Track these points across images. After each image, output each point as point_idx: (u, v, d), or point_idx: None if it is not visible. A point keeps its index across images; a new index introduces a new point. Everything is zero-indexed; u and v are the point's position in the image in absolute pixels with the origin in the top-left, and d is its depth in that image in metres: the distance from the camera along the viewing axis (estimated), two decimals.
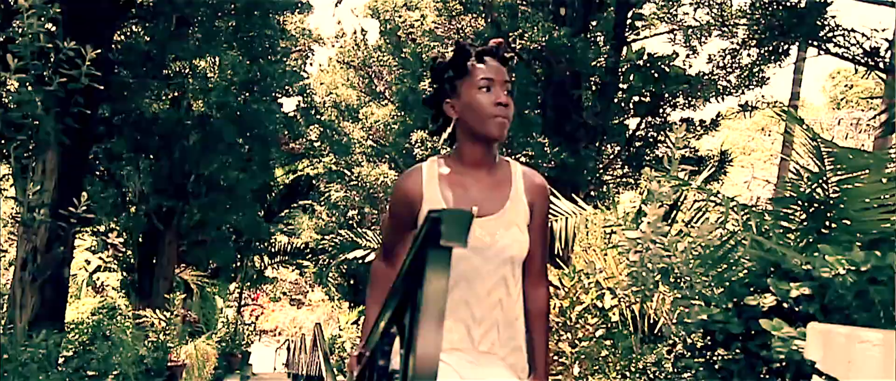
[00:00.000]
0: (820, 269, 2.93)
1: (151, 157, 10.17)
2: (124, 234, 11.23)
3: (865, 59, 5.54)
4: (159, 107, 8.97)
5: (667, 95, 9.15)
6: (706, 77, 9.02)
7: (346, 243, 13.99)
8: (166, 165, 10.02)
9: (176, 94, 9.51)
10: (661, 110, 9.59)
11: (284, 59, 12.09)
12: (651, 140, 9.93)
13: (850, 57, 5.65)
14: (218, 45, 9.00)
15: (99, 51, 3.66)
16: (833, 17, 5.75)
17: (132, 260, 11.45)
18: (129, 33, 8.60)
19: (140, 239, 11.35)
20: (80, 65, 3.55)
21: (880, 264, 2.82)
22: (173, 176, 10.34)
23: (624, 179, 10.49)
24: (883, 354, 2.04)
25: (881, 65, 5.49)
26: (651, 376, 4.60)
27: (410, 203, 1.69)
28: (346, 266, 17.10)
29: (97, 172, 10.07)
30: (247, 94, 10.12)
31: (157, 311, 8.85)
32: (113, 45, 7.56)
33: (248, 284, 19.41)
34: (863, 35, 5.56)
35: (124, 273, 11.66)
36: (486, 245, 1.63)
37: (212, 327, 12.96)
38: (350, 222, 17.18)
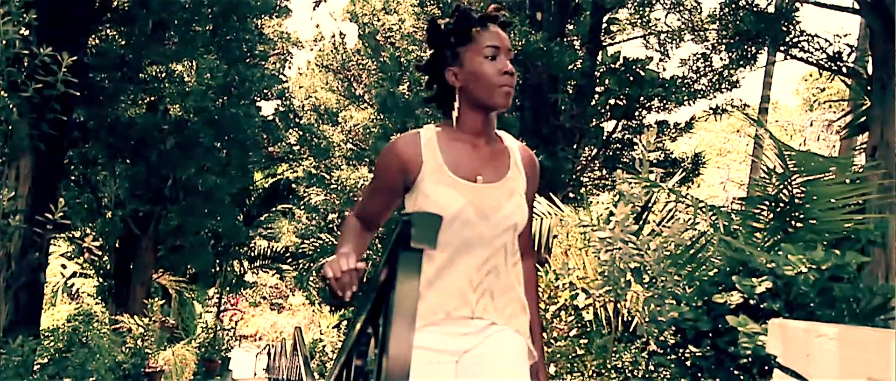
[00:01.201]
0: (783, 267, 3.05)
1: (128, 161, 10.07)
2: (100, 239, 11.09)
3: (829, 63, 5.74)
4: (136, 112, 8.90)
5: (642, 99, 9.32)
6: (680, 81, 9.21)
7: (326, 247, 13.97)
8: (143, 170, 9.92)
9: (152, 98, 9.43)
10: (636, 113, 9.75)
11: (263, 62, 12.05)
12: (627, 142, 10.09)
13: (815, 61, 5.85)
14: (195, 49, 8.95)
15: (75, 58, 3.65)
16: (798, 22, 5.94)
17: (108, 266, 11.31)
18: (104, 37, 8.52)
19: (116, 245, 11.22)
20: (57, 71, 3.54)
21: (840, 263, 2.94)
22: (150, 181, 10.25)
23: (601, 181, 10.65)
24: (839, 347, 2.15)
25: (844, 69, 5.70)
26: (627, 374, 4.70)
27: (404, 166, 1.62)
28: None
29: (72, 178, 9.95)
30: (225, 98, 10.07)
31: (135, 317, 8.77)
32: (88, 50, 7.49)
33: (228, 289, 19.24)
34: (826, 40, 5.76)
35: (100, 279, 11.51)
36: (492, 210, 1.59)
37: (190, 332, 12.85)
38: (330, 225, 17.14)
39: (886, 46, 4.68)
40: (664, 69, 9.66)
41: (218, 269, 16.46)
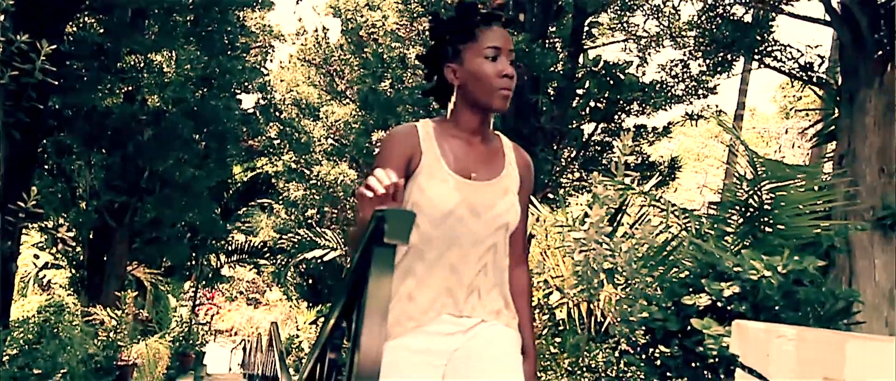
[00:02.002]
0: (748, 271, 3.14)
1: (104, 151, 9.94)
2: (74, 230, 10.93)
3: (801, 73, 5.91)
4: (113, 101, 8.78)
5: (621, 102, 9.44)
6: (658, 85, 9.34)
7: (304, 243, 13.93)
8: (119, 161, 9.80)
9: (130, 88, 9.32)
10: (615, 116, 9.88)
11: (244, 55, 11.96)
12: (606, 145, 10.21)
13: (787, 71, 6.01)
14: (175, 39, 8.87)
15: (54, 46, 3.62)
16: (772, 32, 6.09)
17: (82, 257, 11.16)
18: (81, 25, 8.39)
19: (90, 236, 11.07)
20: (34, 59, 3.51)
21: (800, 267, 3.04)
22: (126, 172, 10.12)
23: (580, 183, 10.76)
24: (796, 348, 2.23)
25: (815, 79, 5.87)
26: (600, 373, 4.78)
27: (409, 151, 1.59)
28: (304, 266, 16.97)
29: (47, 167, 9.79)
30: (205, 89, 9.98)
31: (108, 309, 8.66)
32: (65, 37, 7.38)
33: (204, 282, 19.06)
34: (798, 51, 5.92)
35: (73, 270, 11.34)
36: (485, 208, 1.58)
37: (165, 326, 12.71)
38: (309, 221, 17.06)
39: (855, 58, 4.83)
40: (643, 74, 9.80)
41: (194, 262, 16.31)
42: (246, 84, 12.18)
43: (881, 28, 4.80)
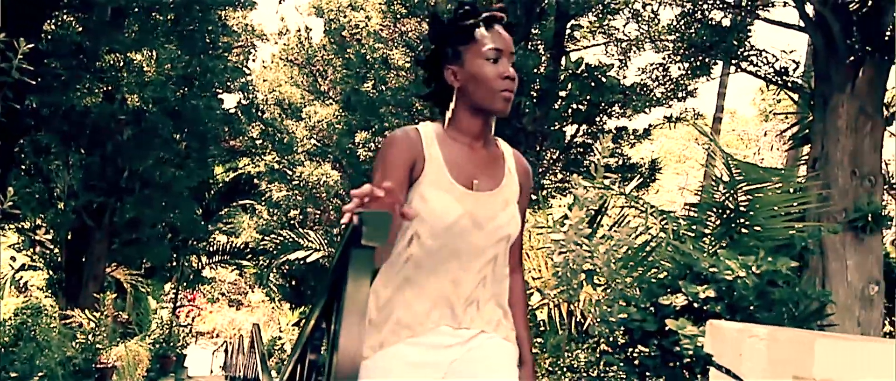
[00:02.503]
0: (723, 271, 3.20)
1: (82, 151, 9.81)
2: (51, 231, 10.77)
3: (776, 77, 6.03)
4: (91, 100, 8.67)
5: (603, 104, 9.53)
6: (639, 88, 9.46)
7: (287, 244, 13.86)
8: (98, 160, 9.67)
9: (109, 87, 9.21)
10: (597, 118, 9.97)
11: (225, 54, 11.87)
12: (587, 147, 10.31)
13: (763, 75, 6.14)
14: (155, 38, 8.78)
15: (32, 45, 3.58)
16: (749, 37, 6.22)
17: (59, 258, 11.00)
18: (60, 23, 8.29)
19: (68, 237, 10.92)
20: (11, 58, 3.47)
21: (774, 268, 3.11)
22: (105, 172, 10.00)
23: (562, 185, 10.85)
24: (768, 347, 2.28)
25: (790, 84, 6.00)
26: (581, 373, 4.83)
27: (413, 156, 1.53)
28: (287, 267, 16.88)
29: (23, 167, 9.65)
30: (185, 89, 9.90)
31: (86, 311, 8.55)
32: (43, 36, 7.28)
33: (184, 284, 18.87)
34: (774, 56, 6.05)
35: (51, 272, 11.17)
36: (487, 220, 1.54)
37: (145, 328, 12.56)
38: (292, 222, 16.99)
39: (828, 63, 4.94)
40: (624, 77, 9.92)
41: (175, 263, 16.14)
42: (228, 84, 12.09)
43: (853, 34, 4.92)
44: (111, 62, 8.82)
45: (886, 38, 4.96)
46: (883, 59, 4.94)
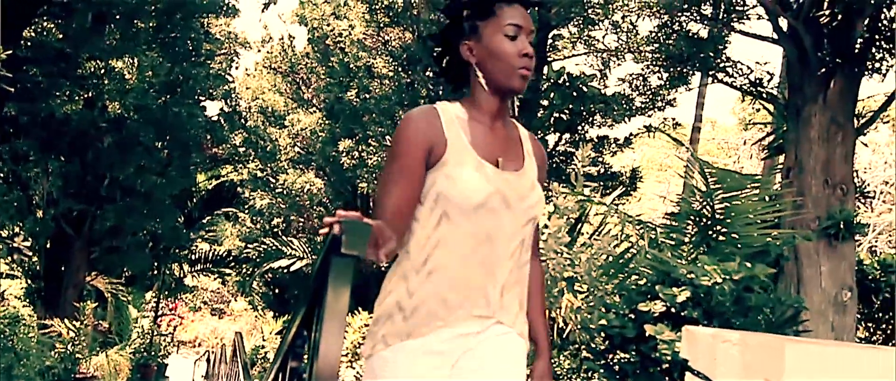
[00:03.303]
0: (700, 278, 3.27)
1: (62, 158, 9.70)
2: (30, 239, 10.62)
3: (751, 88, 6.18)
4: (72, 107, 8.59)
5: (584, 113, 9.64)
6: (620, 97, 9.59)
7: (270, 252, 13.79)
8: (78, 168, 9.57)
9: (90, 94, 9.13)
10: (579, 127, 10.08)
11: (208, 62, 11.82)
12: (570, 156, 10.41)
13: (738, 86, 6.28)
14: (137, 45, 8.73)
15: (10, 51, 3.56)
16: (725, 48, 6.36)
17: (38, 267, 10.84)
18: (40, 30, 8.22)
19: (47, 245, 10.77)
20: None
21: (750, 274, 3.18)
22: (85, 179, 9.89)
23: (545, 193, 10.90)
24: (740, 352, 2.35)
25: (764, 94, 6.15)
26: (563, 379, 4.88)
27: (430, 140, 1.46)
28: (270, 275, 16.76)
29: (1, 174, 9.52)
30: (167, 96, 9.84)
31: (66, 320, 8.44)
32: (23, 42, 7.22)
33: (166, 293, 18.66)
34: (749, 67, 6.21)
35: (29, 281, 11.00)
36: (518, 200, 1.47)
37: (125, 337, 12.40)
38: (275, 230, 16.89)
39: (801, 75, 5.07)
40: (605, 87, 10.05)
41: (156, 272, 15.97)
42: (210, 91, 12.04)
43: (824, 47, 5.05)
44: (92, 69, 8.75)
45: (856, 50, 5.11)
46: (853, 70, 5.08)
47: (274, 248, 13.72)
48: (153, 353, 14.09)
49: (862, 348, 3.10)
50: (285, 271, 13.13)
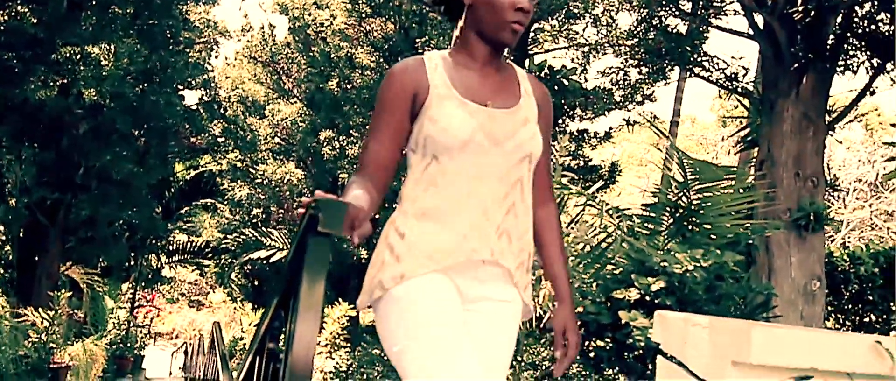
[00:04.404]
0: (673, 266, 3.34)
1: (36, 146, 9.53)
2: (2, 227, 10.44)
3: (727, 83, 6.30)
4: (46, 94, 8.43)
5: (565, 107, 9.71)
6: (601, 91, 9.67)
7: (249, 243, 13.69)
8: (52, 156, 9.40)
9: (65, 81, 8.97)
10: (559, 121, 10.16)
11: (187, 50, 11.68)
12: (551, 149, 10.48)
13: (715, 80, 6.39)
14: (113, 32, 8.58)
15: None
16: (702, 44, 6.46)
17: (11, 256, 10.66)
18: (14, 15, 8.05)
19: (21, 234, 10.59)
20: None
21: (720, 262, 3.26)
22: (60, 167, 9.73)
23: None
24: (710, 335, 2.42)
25: (740, 89, 6.27)
26: (539, 367, 4.94)
27: (412, 91, 1.45)
28: (249, 266, 16.68)
29: None
30: (145, 84, 9.70)
31: (39, 310, 8.32)
32: None
33: (143, 284, 18.44)
34: (725, 62, 6.32)
35: (2, 270, 10.82)
36: (506, 137, 1.44)
37: (101, 328, 12.25)
38: (254, 220, 16.78)
39: (775, 70, 5.18)
40: (586, 80, 10.14)
41: (133, 263, 15.78)
42: (189, 80, 11.89)
43: (798, 43, 5.16)
44: (67, 55, 8.60)
45: (829, 47, 5.22)
46: (825, 67, 5.20)
47: (253, 239, 13.63)
48: (129, 344, 13.94)
49: (826, 332, 3.21)
50: (264, 262, 13.05)
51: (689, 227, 4.29)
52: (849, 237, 17.05)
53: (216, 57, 15.94)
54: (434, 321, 1.35)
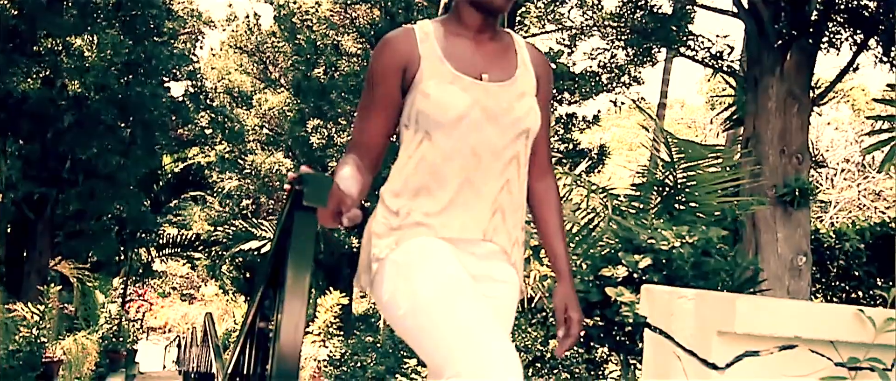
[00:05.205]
0: (660, 242, 3.38)
1: (21, 141, 9.43)
2: None
3: (712, 62, 6.33)
4: (29, 86, 8.33)
5: (553, 90, 9.72)
6: (588, 74, 9.68)
7: (240, 234, 13.65)
8: (38, 149, 9.31)
9: (48, 72, 8.85)
10: None
11: (171, 41, 11.56)
12: None
13: (700, 59, 6.42)
14: (95, 22, 8.47)
15: None
16: (688, 23, 6.49)
17: None
18: None
19: (8, 229, 10.51)
20: None
21: (705, 237, 3.30)
22: (47, 161, 9.64)
23: None
24: (695, 307, 2.45)
25: (725, 67, 6.31)
26: (530, 347, 4.99)
27: (401, 64, 1.39)
28: (241, 258, 16.63)
29: None
30: (130, 76, 9.60)
31: (29, 304, 8.28)
32: None
33: (134, 278, 18.36)
34: (710, 41, 6.35)
35: None
36: (502, 112, 1.38)
37: (93, 322, 12.21)
38: (244, 212, 16.73)
39: (759, 48, 5.21)
40: (573, 64, 10.14)
41: (123, 257, 15.72)
42: (174, 71, 11.78)
43: (782, 20, 5.19)
44: (49, 47, 8.49)
45: (812, 24, 5.26)
46: (809, 43, 5.24)
47: (243, 230, 13.60)
48: (122, 339, 13.91)
49: (810, 303, 3.26)
50: (256, 253, 13.03)
51: (676, 206, 4.34)
52: (837, 217, 17.25)
53: (201, 47, 15.80)
54: (437, 277, 1.29)
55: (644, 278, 3.52)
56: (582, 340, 3.95)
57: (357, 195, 1.30)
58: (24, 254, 10.57)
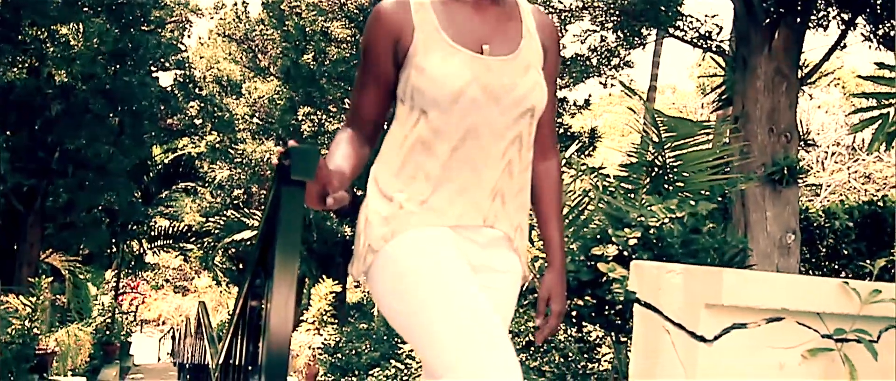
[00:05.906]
0: (649, 218, 3.41)
1: (8, 132, 9.34)
2: None
3: (700, 42, 6.35)
4: (15, 75, 8.23)
5: None
6: (579, 58, 9.67)
7: (232, 224, 13.61)
8: (26, 139, 9.23)
9: (33, 61, 8.75)
10: None
11: (159, 30, 11.46)
12: None
13: (689, 40, 6.44)
14: (80, 10, 8.37)
15: None
16: (680, 4, 6.50)
17: None
18: None
19: None
20: None
21: (694, 212, 3.33)
22: (35, 152, 9.56)
23: None
24: (683, 281, 2.48)
25: (714, 47, 6.33)
26: (521, 330, 5.03)
27: (394, 35, 1.29)
28: (233, 249, 16.60)
29: None
30: (117, 65, 9.51)
31: (21, 296, 8.25)
32: None
33: (126, 270, 18.30)
34: (699, 20, 6.37)
35: None
36: (504, 90, 1.27)
37: (86, 314, 12.18)
38: (236, 201, 16.68)
39: (747, 26, 5.22)
40: (564, 47, 10.12)
41: (115, 249, 15.65)
42: (162, 61, 11.68)
43: None
44: (34, 35, 8.39)
45: (800, 2, 5.27)
46: (797, 21, 5.25)
47: (235, 220, 13.57)
48: (116, 331, 13.89)
49: (796, 276, 3.30)
50: (248, 243, 13.02)
51: (666, 186, 4.37)
52: (828, 200, 17.41)
53: (189, 36, 15.65)
54: (433, 274, 1.23)
55: (633, 256, 3.55)
56: (574, 320, 3.98)
57: (349, 172, 1.26)
58: (15, 246, 10.51)
